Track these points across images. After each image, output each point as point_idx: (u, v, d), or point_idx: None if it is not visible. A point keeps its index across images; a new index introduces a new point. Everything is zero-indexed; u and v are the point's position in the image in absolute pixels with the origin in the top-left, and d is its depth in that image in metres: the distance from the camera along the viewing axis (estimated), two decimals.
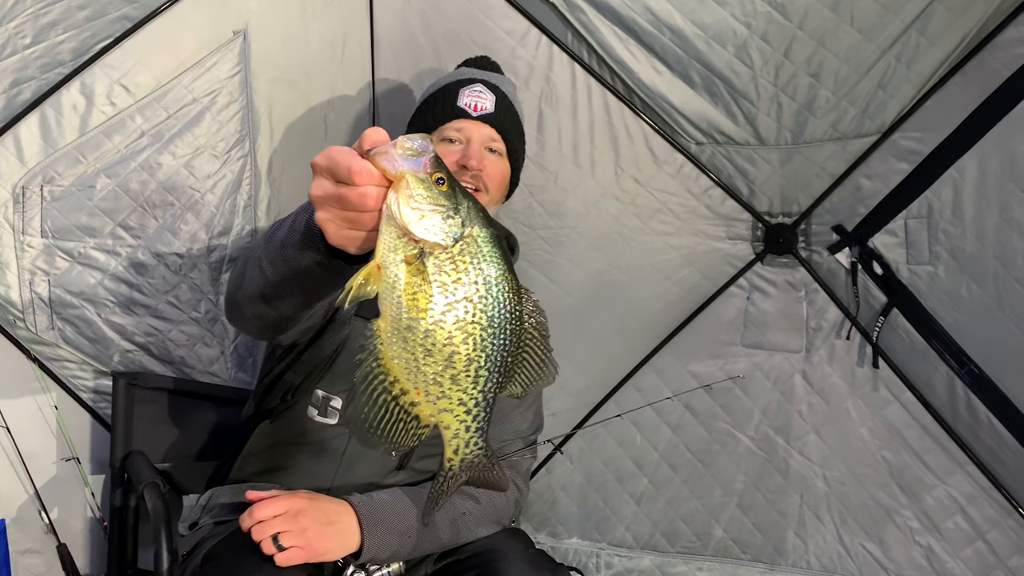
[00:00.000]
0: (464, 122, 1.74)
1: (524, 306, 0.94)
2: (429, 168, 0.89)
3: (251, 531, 1.31)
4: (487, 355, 0.92)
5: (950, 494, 2.09)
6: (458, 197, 0.91)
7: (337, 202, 0.89)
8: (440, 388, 0.92)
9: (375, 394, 0.90)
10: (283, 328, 1.29)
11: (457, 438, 0.96)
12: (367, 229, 0.90)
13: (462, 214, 0.90)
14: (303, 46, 2.10)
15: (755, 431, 2.27)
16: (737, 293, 2.26)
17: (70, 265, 1.90)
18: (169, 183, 1.95)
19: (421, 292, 0.88)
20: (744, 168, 2.15)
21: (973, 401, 2.00)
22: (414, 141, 0.88)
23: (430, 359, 0.90)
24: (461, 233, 0.90)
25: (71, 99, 1.85)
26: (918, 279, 2.04)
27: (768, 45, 1.96)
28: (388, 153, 0.87)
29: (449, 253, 0.89)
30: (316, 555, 1.32)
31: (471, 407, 0.94)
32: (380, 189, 0.87)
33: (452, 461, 0.98)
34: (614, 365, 2.35)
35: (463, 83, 1.79)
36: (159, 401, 1.93)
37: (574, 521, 2.42)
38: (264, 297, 1.20)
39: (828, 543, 2.23)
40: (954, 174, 1.93)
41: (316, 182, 0.90)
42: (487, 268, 0.91)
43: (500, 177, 1.77)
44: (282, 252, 1.09)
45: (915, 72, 1.91)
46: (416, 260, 0.88)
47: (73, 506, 2.02)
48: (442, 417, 0.94)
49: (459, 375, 0.91)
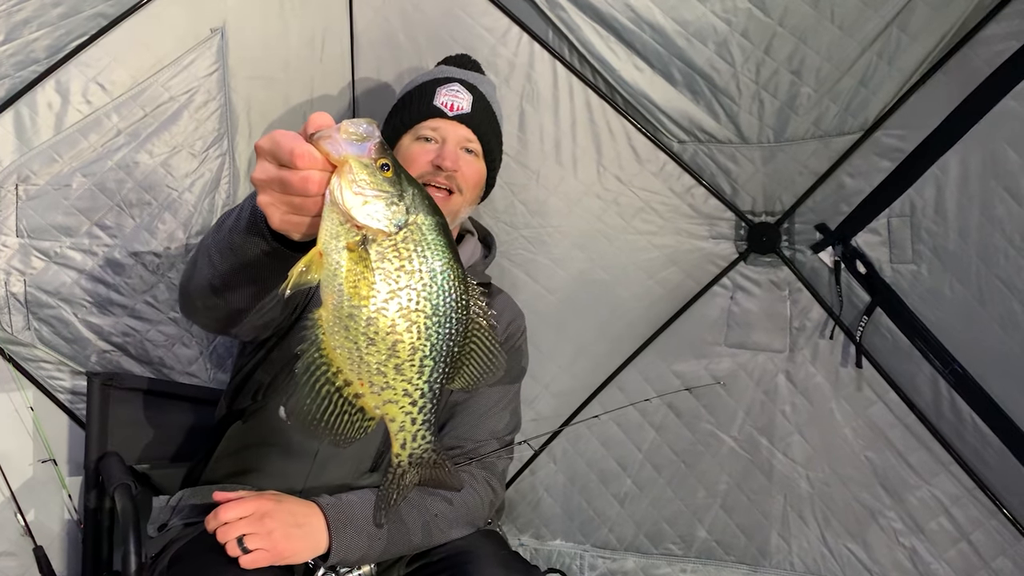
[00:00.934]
0: (440, 121, 1.72)
1: (471, 296, 0.93)
2: (374, 153, 0.87)
3: (216, 533, 1.29)
4: (432, 344, 0.91)
5: (934, 494, 2.08)
6: (403, 184, 0.89)
7: (279, 186, 0.87)
8: (384, 378, 0.90)
9: (318, 385, 0.89)
10: (235, 320, 1.27)
11: (403, 431, 0.95)
12: (310, 215, 0.89)
13: (407, 201, 0.89)
14: (282, 44, 2.09)
15: (739, 432, 2.26)
16: (720, 292, 2.25)
17: (46, 265, 1.89)
18: (146, 182, 1.94)
19: (363, 280, 0.87)
20: (727, 166, 2.14)
21: (957, 401, 1.99)
22: (359, 126, 0.87)
23: (373, 348, 0.89)
24: (405, 220, 0.89)
25: (46, 97, 1.84)
26: (901, 278, 2.03)
27: (749, 42, 1.95)
28: (332, 137, 0.86)
29: (392, 240, 0.88)
30: (282, 558, 1.30)
31: (416, 398, 0.93)
32: (323, 174, 0.86)
33: (400, 457, 0.97)
34: (597, 365, 2.34)
35: (440, 82, 1.77)
36: (135, 402, 1.91)
37: (558, 522, 2.41)
38: (214, 288, 1.18)
39: (812, 544, 2.22)
40: (937, 172, 1.91)
41: (259, 165, 0.89)
42: (431, 256, 0.90)
43: (476, 177, 1.75)
44: (230, 240, 1.07)
45: (897, 69, 1.90)
46: (359, 247, 0.87)
47: (50, 508, 2.00)
48: (387, 409, 0.93)
49: (403, 364, 0.90)
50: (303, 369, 0.88)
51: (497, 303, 1.83)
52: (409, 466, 0.98)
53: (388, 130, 1.81)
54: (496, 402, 1.71)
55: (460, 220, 1.77)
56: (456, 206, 1.71)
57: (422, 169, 1.68)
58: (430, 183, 1.68)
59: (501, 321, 1.80)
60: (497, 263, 2.19)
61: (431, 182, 1.68)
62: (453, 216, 1.72)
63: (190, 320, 1.35)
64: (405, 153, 1.72)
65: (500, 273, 2.21)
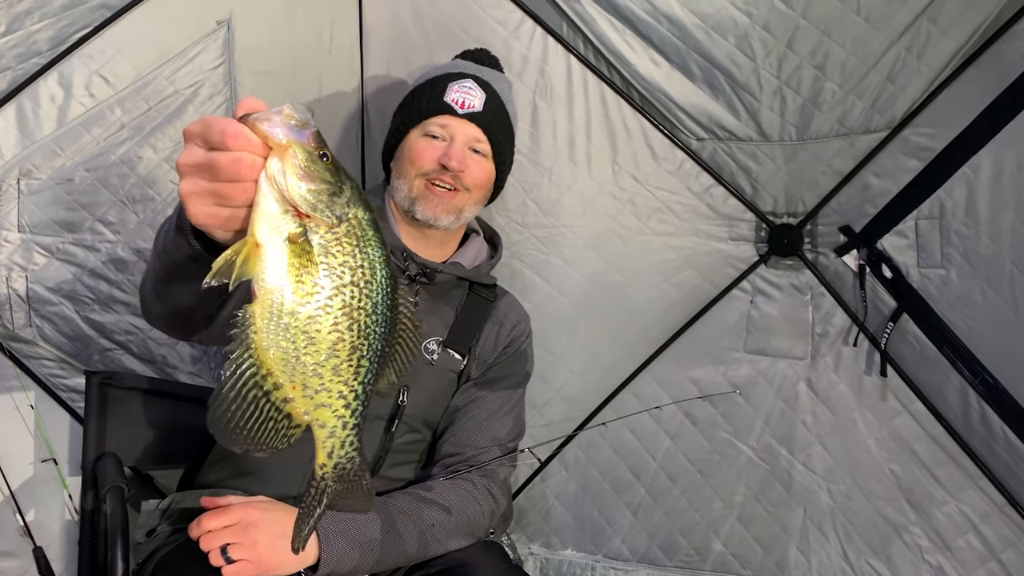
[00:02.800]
0: (449, 119, 1.67)
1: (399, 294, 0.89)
2: (313, 143, 0.83)
3: (199, 541, 1.25)
4: (369, 343, 0.87)
5: (962, 511, 2.00)
6: (342, 176, 0.85)
7: (207, 171, 0.80)
8: (320, 380, 0.85)
9: (244, 390, 0.82)
10: (188, 327, 1.19)
11: (333, 437, 0.89)
12: (235, 205, 0.82)
13: (346, 193, 0.85)
14: (289, 36, 2.05)
15: (757, 441, 2.19)
16: (740, 296, 2.18)
17: (48, 261, 1.87)
18: (150, 177, 1.91)
19: (306, 274, 0.82)
20: (747, 165, 2.07)
21: (987, 412, 1.91)
22: (300, 111, 0.83)
23: (312, 348, 0.84)
24: (345, 213, 0.84)
25: (48, 90, 1.81)
26: (929, 283, 1.95)
27: (771, 35, 1.88)
28: (271, 120, 0.81)
29: (335, 233, 0.84)
30: (267, 569, 1.25)
31: (350, 400, 0.88)
32: (256, 158, 0.80)
33: (325, 468, 0.90)
34: (611, 370, 2.27)
35: (453, 77, 1.72)
36: (135, 401, 1.86)
37: (569, 532, 2.35)
38: (156, 292, 1.11)
39: (832, 560, 2.15)
40: (968, 172, 1.84)
41: (186, 149, 0.82)
42: (372, 252, 0.86)
43: (483, 178, 1.69)
44: (164, 242, 1.01)
45: (926, 64, 1.82)
46: (300, 239, 0.82)
47: (50, 508, 1.99)
48: (318, 414, 0.87)
49: (341, 365, 0.86)
50: (230, 372, 0.81)
51: (501, 305, 1.77)
52: (333, 479, 0.91)
53: (396, 122, 1.76)
54: (499, 407, 1.66)
55: (465, 219, 1.71)
56: (462, 203, 1.66)
57: (428, 167, 1.63)
58: (434, 181, 1.62)
59: (505, 324, 1.74)
60: (508, 264, 2.14)
61: (435, 180, 1.62)
62: (458, 214, 1.66)
63: (153, 327, 1.29)
64: (411, 148, 1.67)
65: (511, 274, 2.16)
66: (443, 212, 1.62)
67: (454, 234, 1.75)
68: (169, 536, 1.45)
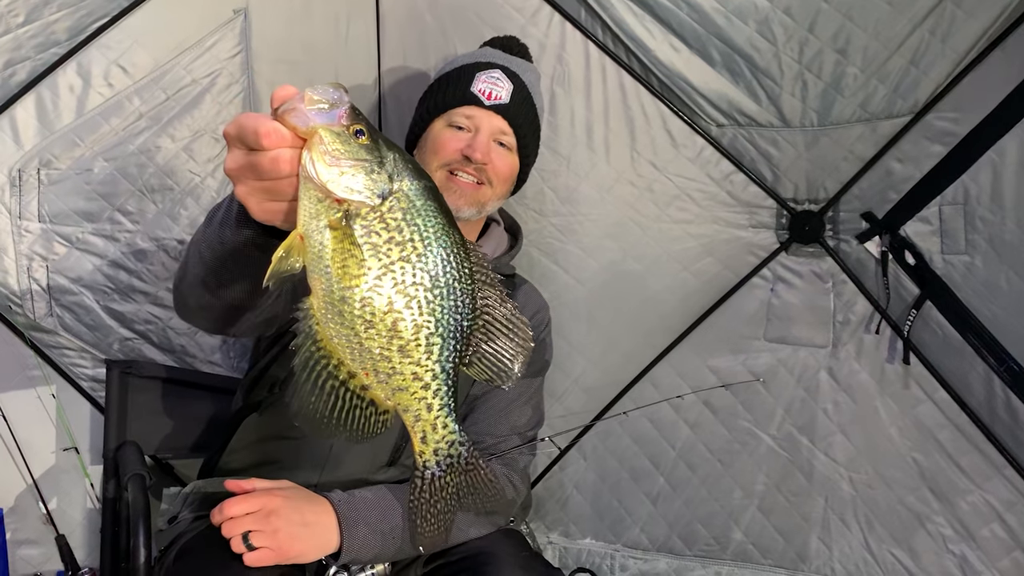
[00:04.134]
0: (475, 109, 1.65)
1: (475, 263, 0.85)
2: (345, 120, 0.80)
3: (221, 527, 1.25)
4: (437, 319, 0.83)
5: (986, 500, 1.98)
6: (382, 149, 0.82)
7: (252, 172, 0.81)
8: (389, 364, 0.83)
9: (320, 381, 0.82)
10: (232, 319, 1.19)
11: (421, 421, 0.87)
12: (288, 199, 0.82)
13: (388, 168, 0.82)
14: (306, 25, 2.04)
15: (778, 430, 2.17)
16: (760, 284, 2.17)
17: (68, 251, 1.88)
18: (168, 167, 1.91)
19: (351, 258, 0.80)
20: (767, 152, 2.04)
21: (1012, 400, 1.89)
22: (325, 92, 0.80)
23: (372, 331, 0.82)
24: (389, 189, 0.82)
25: (67, 80, 1.82)
26: (953, 270, 1.93)
27: (792, 20, 1.85)
28: (296, 109, 0.79)
29: (378, 212, 0.81)
30: (287, 557, 1.25)
31: (428, 380, 0.85)
32: (294, 151, 0.79)
33: (425, 455, 0.88)
34: (629, 359, 2.26)
35: (481, 66, 1.70)
36: (154, 390, 1.88)
37: (587, 521, 2.35)
38: (207, 285, 1.11)
39: (854, 549, 2.14)
40: (993, 157, 1.81)
41: (229, 154, 0.83)
42: (423, 224, 0.82)
43: (507, 171, 1.68)
44: (220, 235, 1.01)
45: (951, 47, 1.79)
46: (342, 224, 0.80)
47: (72, 496, 2.00)
48: (399, 398, 0.85)
49: (408, 345, 0.83)
50: (301, 365, 0.81)
51: (520, 294, 1.76)
52: (438, 468, 0.89)
53: (420, 111, 1.75)
54: (518, 396, 1.65)
55: (487, 212, 1.70)
56: (485, 198, 1.64)
57: (451, 157, 1.62)
58: (456, 172, 1.61)
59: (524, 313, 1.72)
60: (526, 252, 2.13)
61: (458, 171, 1.61)
62: (480, 208, 1.65)
63: (186, 321, 1.29)
64: (435, 139, 1.65)
65: (529, 263, 2.15)
66: (465, 203, 1.61)
67: (474, 225, 1.74)
68: (191, 523, 1.45)
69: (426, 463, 0.89)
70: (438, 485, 0.89)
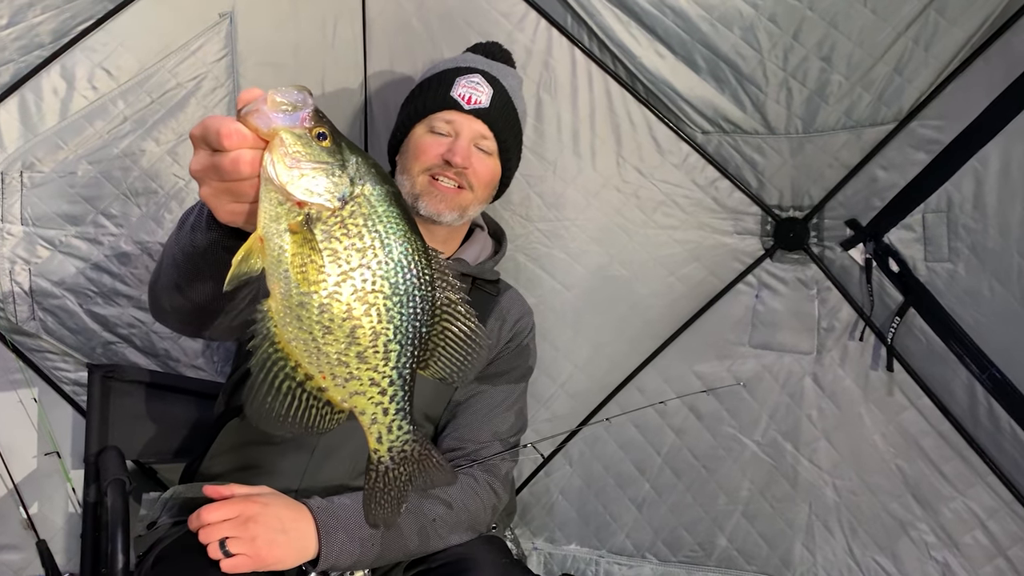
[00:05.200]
0: (455, 114, 1.65)
1: (436, 269, 0.85)
2: (308, 122, 0.80)
3: (198, 533, 1.24)
4: (395, 326, 0.83)
5: (969, 507, 1.98)
6: (345, 153, 0.82)
7: (214, 173, 0.81)
8: (347, 369, 0.83)
9: (277, 382, 0.82)
10: (204, 322, 1.19)
11: (376, 424, 0.88)
12: (250, 200, 0.83)
13: (350, 171, 0.82)
14: (292, 29, 2.03)
15: (762, 436, 2.17)
16: (745, 291, 2.16)
17: (51, 254, 1.87)
18: (153, 170, 1.91)
19: (311, 263, 0.80)
20: (752, 158, 2.05)
21: (995, 408, 1.89)
22: (288, 93, 0.80)
23: (330, 337, 0.82)
24: (351, 192, 0.81)
25: (51, 83, 1.81)
26: (937, 277, 1.93)
27: (776, 27, 1.85)
28: (259, 111, 0.79)
29: (338, 216, 0.80)
30: (265, 564, 1.24)
31: (385, 387, 0.85)
32: (255, 152, 0.79)
33: (379, 452, 0.90)
34: (615, 365, 2.25)
35: (461, 71, 1.70)
36: (137, 395, 1.86)
37: (573, 527, 2.34)
38: (178, 287, 1.11)
39: (837, 556, 2.13)
40: (976, 165, 1.81)
41: (195, 155, 0.83)
42: (384, 230, 0.82)
43: (488, 176, 1.68)
44: (191, 237, 1.01)
45: (934, 55, 1.80)
46: (302, 228, 0.80)
47: (54, 501, 1.99)
48: (355, 402, 0.86)
49: (366, 352, 0.83)
50: (259, 366, 0.82)
51: (504, 300, 1.76)
52: (394, 463, 0.91)
53: (402, 116, 1.75)
54: (500, 402, 1.64)
55: (469, 217, 1.70)
56: (466, 202, 1.64)
57: (432, 162, 1.62)
58: (438, 177, 1.61)
59: (508, 319, 1.73)
60: (511, 257, 2.13)
61: (439, 176, 1.61)
62: (462, 212, 1.65)
63: (160, 323, 1.30)
64: (416, 144, 1.65)
65: (515, 268, 2.14)
66: (447, 208, 1.61)
67: (458, 230, 1.74)
68: (170, 528, 1.44)
69: (380, 459, 0.91)
70: (392, 476, 0.92)
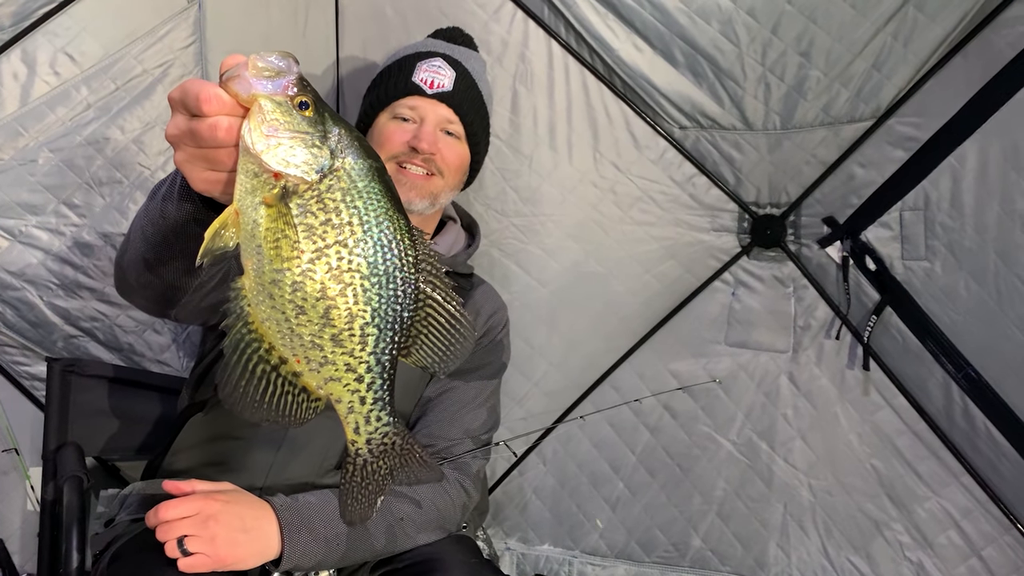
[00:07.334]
0: (418, 100, 1.62)
1: (420, 250, 0.81)
2: (291, 90, 0.77)
3: (156, 531, 1.20)
4: (373, 308, 0.79)
5: (944, 507, 1.98)
6: (327, 124, 0.78)
7: (191, 138, 0.78)
8: (321, 352, 0.79)
9: (251, 365, 0.78)
10: (171, 300, 1.16)
11: (353, 413, 0.84)
12: (227, 169, 0.79)
13: (331, 143, 0.78)
14: (263, 16, 1.99)
15: (737, 435, 2.15)
16: (721, 288, 2.15)
17: (10, 244, 1.82)
18: (117, 159, 1.86)
19: (284, 239, 0.76)
20: (730, 155, 2.02)
21: (970, 408, 1.89)
22: (271, 60, 0.77)
23: (303, 318, 0.78)
24: (331, 165, 0.77)
25: (11, 67, 1.75)
26: (913, 275, 1.92)
27: (755, 21, 1.83)
28: (240, 76, 0.76)
29: (316, 190, 0.77)
30: (224, 564, 1.20)
31: (362, 373, 0.81)
32: (234, 119, 0.76)
33: (357, 444, 0.86)
34: (591, 362, 2.23)
35: (422, 56, 1.67)
36: (98, 390, 1.81)
37: (546, 527, 2.31)
38: (147, 261, 1.07)
39: (812, 556, 2.12)
40: (953, 163, 1.80)
41: (172, 119, 0.80)
42: (364, 206, 0.78)
43: (457, 161, 1.65)
44: (161, 208, 0.97)
45: (912, 51, 1.78)
46: (278, 201, 0.76)
47: (12, 499, 1.95)
48: (331, 388, 0.82)
49: (341, 335, 0.79)
50: (232, 347, 0.78)
51: (478, 294, 1.72)
52: (373, 456, 0.87)
53: (365, 105, 1.71)
54: (472, 398, 1.61)
55: (441, 204, 1.66)
56: (437, 189, 1.61)
57: (398, 150, 1.58)
58: (405, 165, 1.58)
59: (482, 313, 1.69)
60: (486, 252, 2.09)
61: (407, 164, 1.58)
62: (433, 200, 1.61)
63: (126, 299, 1.26)
64: (380, 132, 1.62)
65: (489, 263, 2.11)
66: (417, 196, 1.58)
67: (429, 220, 1.71)
68: (128, 526, 1.39)
69: (358, 451, 0.87)
70: (370, 469, 0.88)
